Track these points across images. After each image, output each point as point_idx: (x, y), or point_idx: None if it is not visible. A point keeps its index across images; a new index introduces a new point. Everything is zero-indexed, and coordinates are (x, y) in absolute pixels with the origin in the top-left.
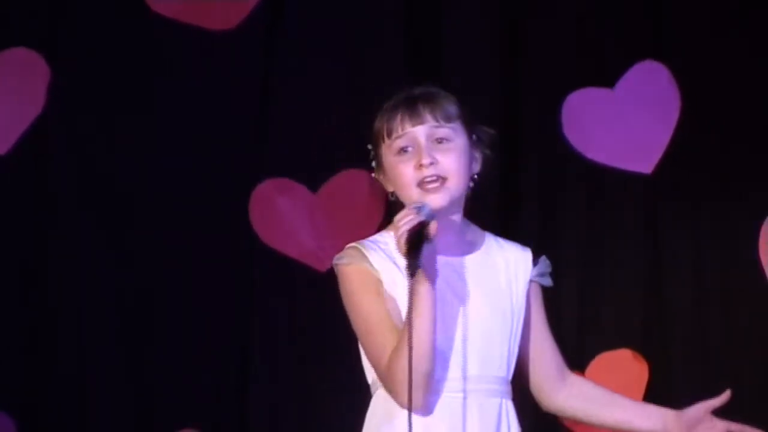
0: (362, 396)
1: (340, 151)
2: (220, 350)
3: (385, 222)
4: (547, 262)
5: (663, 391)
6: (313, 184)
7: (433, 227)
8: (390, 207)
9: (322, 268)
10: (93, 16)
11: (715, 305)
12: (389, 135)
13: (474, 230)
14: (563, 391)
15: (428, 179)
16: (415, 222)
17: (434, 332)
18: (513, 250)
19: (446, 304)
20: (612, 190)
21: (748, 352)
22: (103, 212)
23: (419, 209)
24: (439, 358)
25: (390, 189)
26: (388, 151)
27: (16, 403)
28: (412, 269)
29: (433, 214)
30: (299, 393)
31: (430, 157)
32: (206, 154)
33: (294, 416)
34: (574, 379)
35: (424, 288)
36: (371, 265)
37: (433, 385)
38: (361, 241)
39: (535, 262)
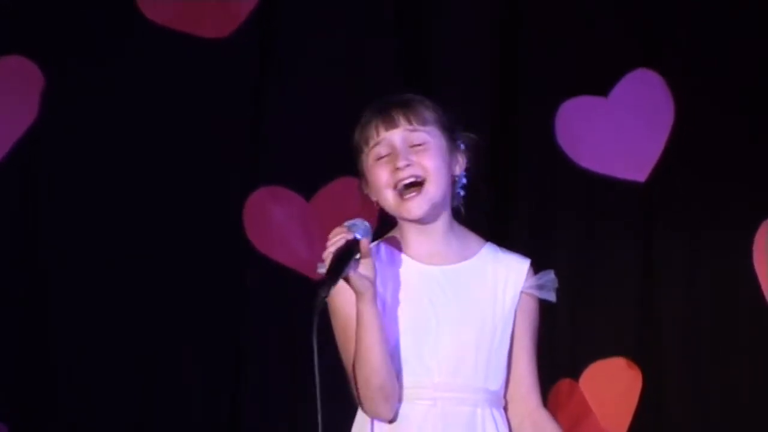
0: (354, 404)
1: (334, 159)
2: (214, 357)
3: (379, 231)
4: (551, 276)
5: (656, 399)
6: (307, 193)
7: (364, 244)
8: (383, 216)
9: (315, 275)
10: (87, 24)
11: (708, 313)
12: (366, 143)
13: (466, 239)
14: (519, 418)
15: (406, 183)
16: (341, 242)
17: (380, 347)
18: (509, 260)
19: (420, 311)
20: (606, 198)
21: (741, 359)
22: (96, 219)
23: (351, 226)
24: (408, 366)
25: (374, 198)
26: (367, 159)
27: (11, 412)
28: (320, 301)
29: (369, 231)
30: (291, 397)
31: (405, 159)
32: (200, 162)
33: (287, 422)
34: (535, 411)
35: (363, 306)
36: None
37: (401, 392)
38: None
39: (536, 274)
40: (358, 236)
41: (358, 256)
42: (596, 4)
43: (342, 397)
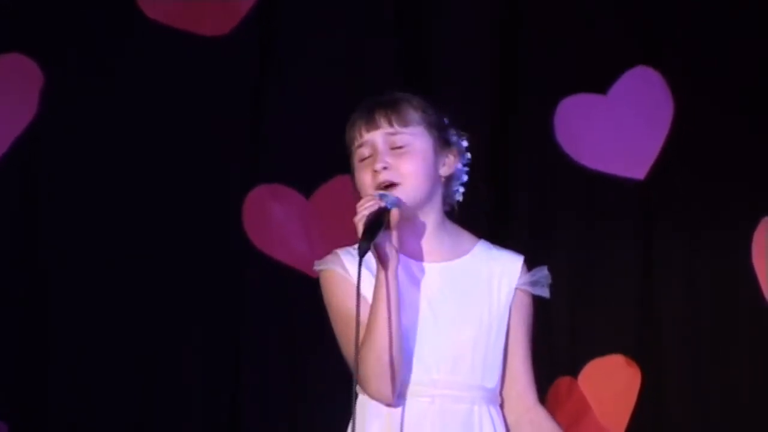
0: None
1: (333, 157)
2: (214, 357)
3: None
4: (545, 272)
5: (655, 399)
6: (307, 190)
7: (394, 214)
8: None
9: (314, 273)
10: (87, 22)
11: (708, 312)
12: (352, 144)
13: (459, 237)
14: (516, 415)
15: (383, 184)
16: (375, 207)
17: (397, 318)
18: (502, 257)
19: (418, 309)
20: (605, 196)
21: (741, 359)
22: (96, 219)
23: (382, 196)
24: (407, 362)
25: None
26: (354, 159)
27: (11, 412)
28: (362, 251)
29: (397, 203)
30: (291, 397)
31: (383, 162)
32: (200, 160)
33: (286, 420)
34: (532, 408)
35: (388, 275)
36: (344, 267)
37: (400, 389)
38: (345, 247)
39: (530, 271)
40: (389, 206)
41: (390, 225)
42: (596, 4)
43: (341, 398)
